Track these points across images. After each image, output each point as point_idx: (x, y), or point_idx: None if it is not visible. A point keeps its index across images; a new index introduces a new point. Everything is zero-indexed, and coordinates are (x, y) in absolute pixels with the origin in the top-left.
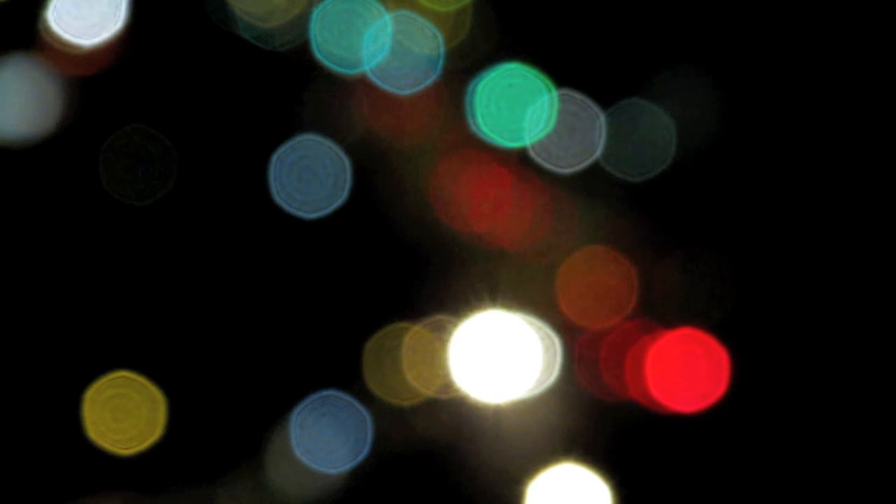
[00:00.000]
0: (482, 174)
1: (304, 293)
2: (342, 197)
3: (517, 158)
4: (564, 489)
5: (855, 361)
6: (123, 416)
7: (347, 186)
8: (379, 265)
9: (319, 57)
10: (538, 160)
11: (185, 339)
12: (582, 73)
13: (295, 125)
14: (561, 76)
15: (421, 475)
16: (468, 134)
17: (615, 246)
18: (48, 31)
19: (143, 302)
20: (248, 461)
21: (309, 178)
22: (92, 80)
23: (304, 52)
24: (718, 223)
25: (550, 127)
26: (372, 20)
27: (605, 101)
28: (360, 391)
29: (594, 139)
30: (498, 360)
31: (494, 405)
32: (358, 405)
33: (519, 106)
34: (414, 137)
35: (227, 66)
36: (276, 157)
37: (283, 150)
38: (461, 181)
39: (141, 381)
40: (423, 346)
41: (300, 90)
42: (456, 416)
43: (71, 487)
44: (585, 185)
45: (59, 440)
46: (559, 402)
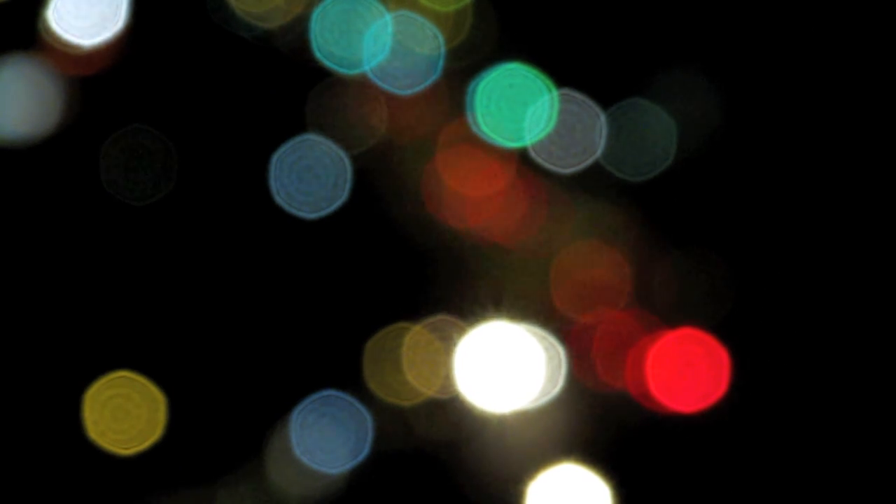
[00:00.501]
0: (482, 173)
1: (304, 293)
2: (342, 197)
3: (517, 158)
4: (564, 489)
5: (855, 361)
6: (123, 416)
7: (347, 186)
8: (379, 265)
9: (319, 57)
10: (538, 160)
11: (185, 339)
12: (582, 73)
13: (295, 125)
14: (561, 76)
15: (421, 475)
16: (468, 133)
17: (615, 246)
18: (48, 31)
19: (143, 302)
20: (248, 461)
21: (309, 178)
22: (92, 80)
23: (304, 52)
24: (718, 223)
25: (551, 127)
26: (372, 20)
27: (605, 101)
28: (360, 391)
29: (594, 139)
30: (502, 369)
31: (499, 415)
32: (358, 405)
33: (519, 106)
34: (414, 137)
35: (227, 66)
36: (276, 157)
37: (283, 150)
38: (461, 180)
39: (141, 381)
40: (423, 346)
41: (300, 90)
42: (456, 416)
43: (71, 487)
44: (585, 185)
45: (59, 440)
46: (560, 403)
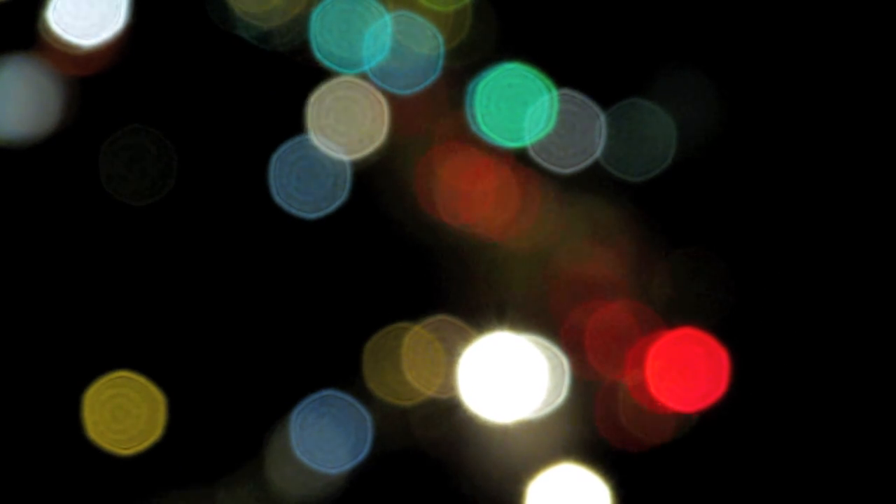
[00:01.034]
0: (481, 173)
1: (304, 293)
2: (342, 197)
3: (516, 157)
4: (564, 489)
5: (855, 361)
6: (123, 415)
7: (347, 186)
8: (379, 265)
9: (319, 57)
10: (538, 160)
11: (185, 339)
12: (582, 73)
13: (295, 125)
14: (561, 76)
15: (420, 475)
16: (468, 133)
17: (614, 246)
18: (48, 31)
19: (142, 302)
20: (248, 461)
21: (309, 178)
22: (92, 80)
23: (304, 52)
24: (718, 223)
25: (550, 127)
26: (372, 20)
27: (605, 101)
28: (360, 391)
29: (594, 139)
30: (506, 380)
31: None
32: (358, 405)
33: (519, 106)
34: (414, 137)
35: (227, 66)
36: (276, 157)
37: (283, 150)
38: (460, 180)
39: (141, 381)
40: (423, 346)
41: (300, 90)
42: (456, 416)
43: (71, 487)
44: (585, 185)
45: (59, 440)
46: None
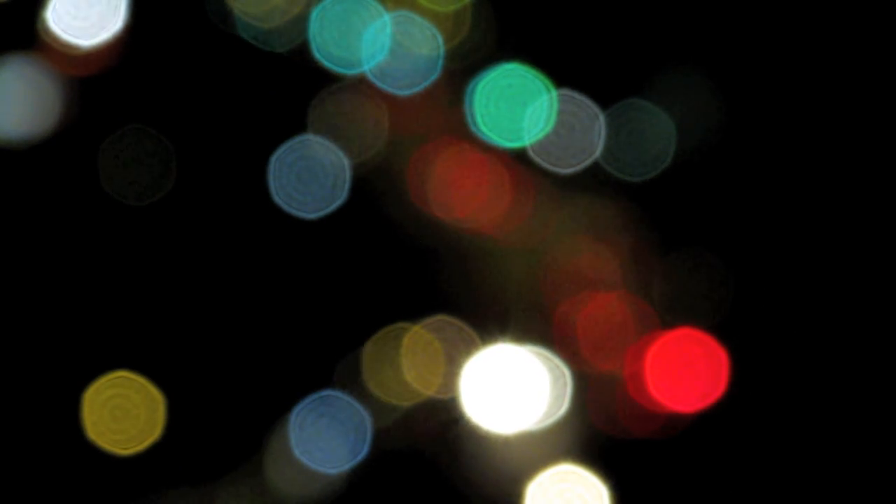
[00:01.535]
0: (480, 171)
1: (303, 293)
2: (342, 197)
3: (516, 157)
4: (563, 490)
5: (855, 361)
6: (123, 416)
7: (346, 186)
8: (378, 265)
9: (319, 57)
10: (538, 160)
11: (184, 339)
12: (582, 73)
13: (294, 125)
14: (561, 76)
15: (420, 475)
16: (467, 132)
17: (613, 246)
18: (48, 31)
19: (142, 302)
20: (247, 461)
21: (309, 178)
22: (91, 80)
23: (303, 52)
24: (717, 223)
25: (550, 127)
26: (371, 20)
27: (604, 101)
28: (359, 391)
29: (594, 139)
30: (509, 391)
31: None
32: (357, 405)
33: (518, 106)
34: (413, 137)
35: (226, 66)
36: (275, 157)
37: (282, 150)
38: (459, 177)
39: (140, 381)
40: (423, 346)
41: (299, 90)
42: (455, 416)
43: (71, 487)
44: (584, 185)
45: (59, 440)
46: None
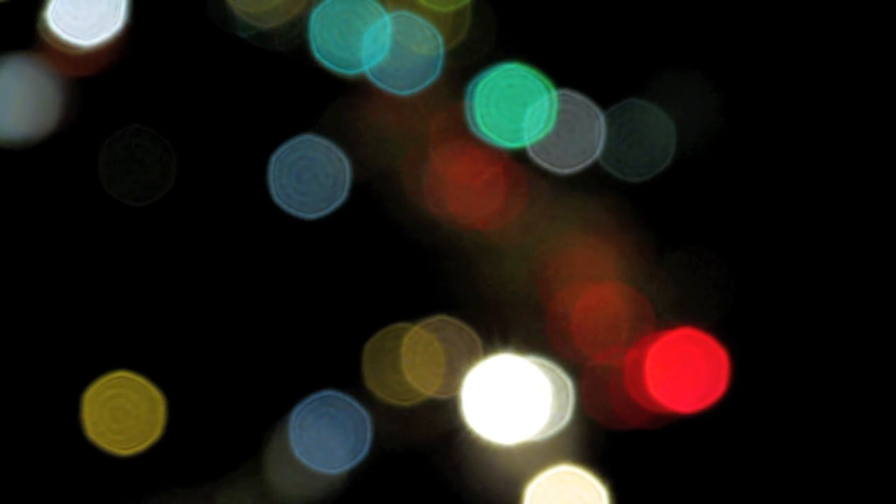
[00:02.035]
0: (481, 172)
1: (303, 294)
2: (342, 197)
3: (516, 157)
4: (562, 491)
5: (855, 361)
6: (123, 416)
7: (347, 186)
8: (378, 265)
9: (319, 57)
10: (538, 160)
11: (184, 339)
12: (582, 73)
13: (294, 125)
14: (561, 76)
15: (420, 476)
16: (468, 133)
17: (613, 246)
18: (47, 31)
19: (142, 302)
20: (247, 461)
21: (309, 178)
22: (91, 80)
23: (303, 52)
24: (717, 223)
25: (550, 127)
26: (371, 21)
27: (604, 101)
28: (359, 391)
29: (594, 139)
30: (510, 402)
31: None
32: (357, 406)
33: (518, 106)
34: (413, 138)
35: (226, 66)
36: (275, 157)
37: (282, 150)
38: (460, 179)
39: (140, 381)
40: (423, 346)
41: (299, 90)
42: (455, 416)
43: (71, 487)
44: (584, 185)
45: (59, 440)
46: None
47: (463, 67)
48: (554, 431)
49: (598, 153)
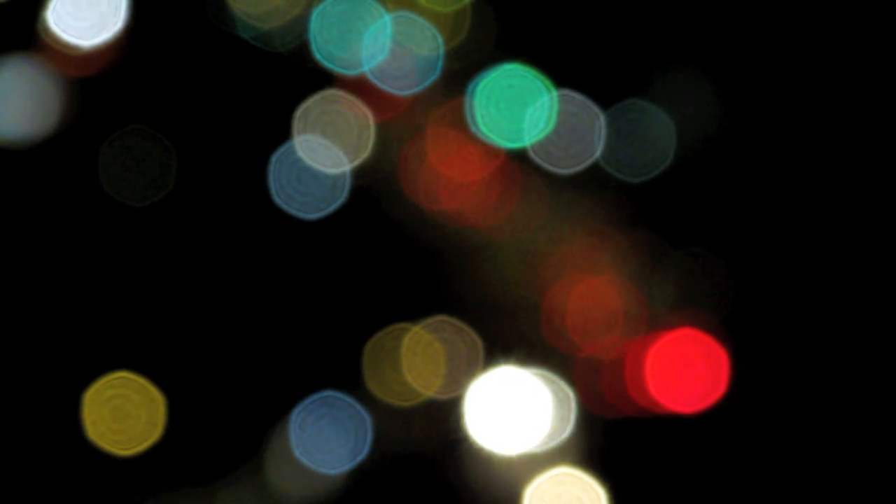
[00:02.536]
0: (482, 172)
1: (304, 294)
2: (342, 198)
3: (516, 158)
4: (562, 492)
5: (855, 361)
6: (123, 416)
7: (347, 187)
8: (379, 266)
9: (319, 58)
10: (538, 161)
11: (184, 339)
12: (582, 73)
13: (295, 126)
14: (561, 76)
15: (420, 476)
16: (468, 134)
17: (613, 246)
18: (48, 31)
19: (142, 302)
20: (248, 461)
21: (309, 178)
22: (91, 80)
23: (303, 52)
24: (717, 223)
25: (550, 127)
26: (371, 21)
27: (604, 101)
28: (359, 392)
29: (594, 140)
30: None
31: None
32: (358, 406)
33: (519, 106)
34: (413, 138)
35: (226, 66)
36: (276, 157)
37: (283, 150)
38: (460, 178)
39: (140, 381)
40: (423, 346)
41: (299, 91)
42: (455, 418)
43: (71, 488)
44: (584, 185)
45: (59, 440)
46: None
47: (463, 68)
48: (555, 443)
49: (598, 153)
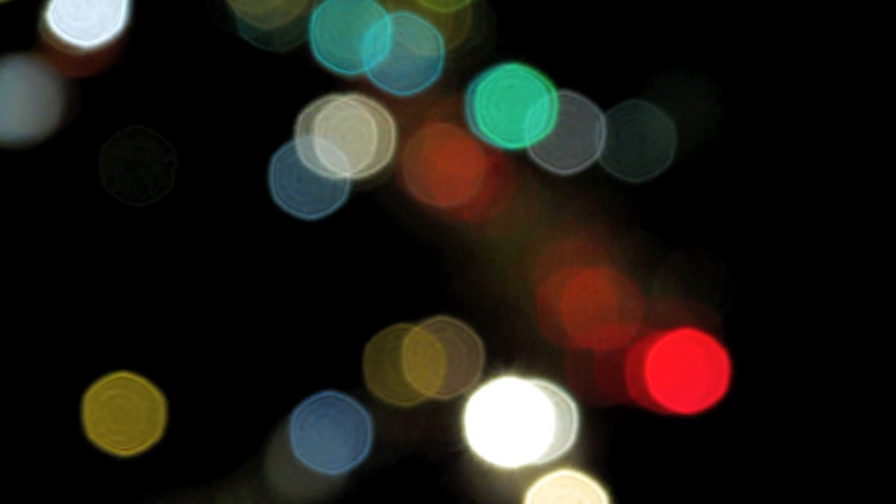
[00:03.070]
0: (482, 172)
1: (304, 294)
2: (342, 198)
3: (516, 158)
4: (563, 494)
5: (855, 361)
6: (123, 416)
7: (348, 187)
8: (379, 266)
9: (319, 58)
10: (538, 161)
11: (185, 339)
12: (582, 74)
13: (296, 126)
14: (561, 77)
15: (420, 476)
16: (467, 134)
17: (613, 246)
18: (48, 32)
19: (142, 302)
20: (248, 462)
21: (309, 179)
22: (91, 81)
23: (303, 53)
24: (718, 224)
25: (550, 128)
26: (372, 21)
27: (605, 102)
28: (360, 392)
29: (594, 140)
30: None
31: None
32: (358, 406)
33: (519, 107)
34: (413, 138)
35: (227, 67)
36: (276, 157)
37: (283, 150)
38: (460, 177)
39: (140, 382)
40: (423, 347)
41: (300, 91)
42: (456, 418)
43: (71, 488)
44: (585, 186)
45: (59, 440)
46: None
47: (463, 68)
48: (557, 454)
49: (598, 154)
